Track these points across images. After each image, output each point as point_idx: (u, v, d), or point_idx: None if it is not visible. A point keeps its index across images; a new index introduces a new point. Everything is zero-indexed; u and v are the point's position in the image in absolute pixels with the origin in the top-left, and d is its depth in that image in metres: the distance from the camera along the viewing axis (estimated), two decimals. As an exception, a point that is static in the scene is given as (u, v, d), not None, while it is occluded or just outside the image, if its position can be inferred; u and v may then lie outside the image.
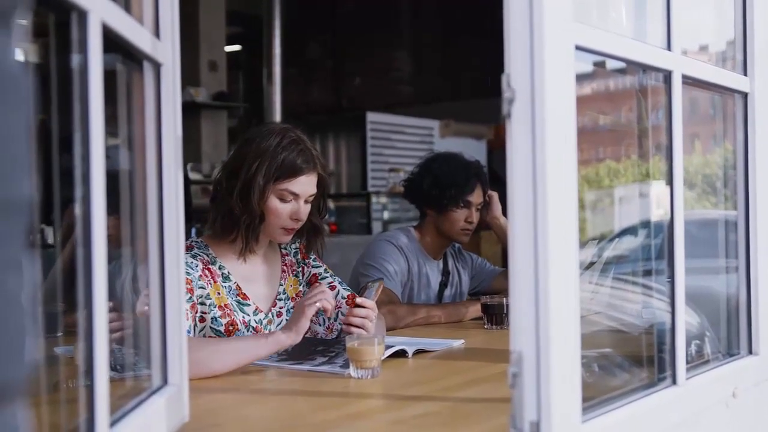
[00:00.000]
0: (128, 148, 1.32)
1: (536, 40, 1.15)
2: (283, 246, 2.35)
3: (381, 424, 1.55)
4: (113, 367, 1.17)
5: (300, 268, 2.36)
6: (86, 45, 0.97)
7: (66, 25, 0.98)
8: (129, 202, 1.32)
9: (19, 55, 0.60)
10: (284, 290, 2.30)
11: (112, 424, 1.06)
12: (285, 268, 2.33)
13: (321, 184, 2.22)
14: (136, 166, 1.33)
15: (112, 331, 1.07)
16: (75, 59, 0.98)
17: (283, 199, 2.15)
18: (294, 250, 2.37)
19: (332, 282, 2.35)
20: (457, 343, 2.34)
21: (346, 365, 1.90)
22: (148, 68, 1.31)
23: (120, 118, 1.29)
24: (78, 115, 0.97)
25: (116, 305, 1.29)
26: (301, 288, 2.34)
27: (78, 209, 0.98)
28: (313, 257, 2.38)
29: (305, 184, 2.16)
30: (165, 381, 1.34)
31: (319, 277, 2.35)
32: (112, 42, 1.08)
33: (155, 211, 1.33)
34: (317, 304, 1.97)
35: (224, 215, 2.16)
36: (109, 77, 1.05)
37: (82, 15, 0.97)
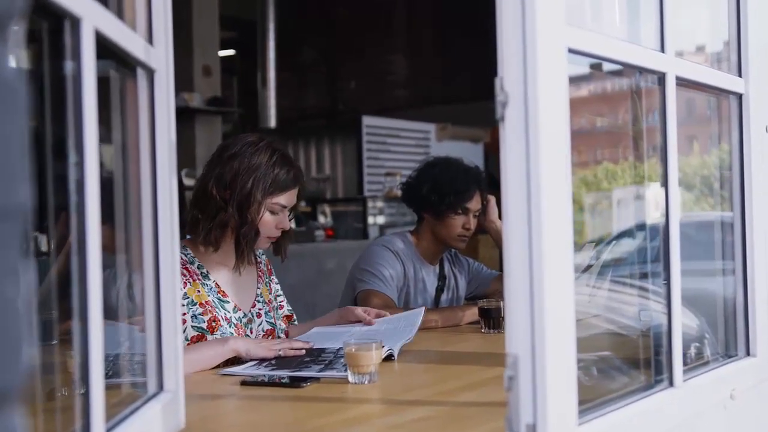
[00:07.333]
0: (122, 154, 1.32)
1: (529, 43, 1.15)
2: (256, 254, 2.46)
3: (379, 428, 1.54)
4: (108, 375, 1.16)
5: (269, 279, 2.49)
6: (79, 51, 0.97)
7: (58, 31, 0.98)
8: (123, 209, 1.31)
9: (14, 63, 0.60)
10: (261, 293, 2.42)
11: (108, 430, 1.05)
12: (260, 273, 2.45)
13: (300, 194, 2.36)
14: (130, 173, 1.32)
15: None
16: (68, 66, 0.98)
17: (273, 212, 2.27)
18: (263, 260, 2.50)
19: (282, 302, 2.52)
20: (418, 311, 2.44)
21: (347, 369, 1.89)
22: (141, 74, 1.31)
23: (113, 125, 1.29)
24: (72, 122, 0.97)
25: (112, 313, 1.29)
26: (270, 296, 2.46)
27: (72, 216, 0.98)
28: (272, 276, 2.52)
29: (292, 196, 2.32)
30: (161, 387, 1.34)
31: (276, 294, 2.50)
32: (105, 48, 1.08)
33: (150, 217, 1.33)
34: (280, 353, 2.11)
35: (217, 227, 2.24)
36: (102, 83, 1.05)
37: (75, 22, 0.97)
